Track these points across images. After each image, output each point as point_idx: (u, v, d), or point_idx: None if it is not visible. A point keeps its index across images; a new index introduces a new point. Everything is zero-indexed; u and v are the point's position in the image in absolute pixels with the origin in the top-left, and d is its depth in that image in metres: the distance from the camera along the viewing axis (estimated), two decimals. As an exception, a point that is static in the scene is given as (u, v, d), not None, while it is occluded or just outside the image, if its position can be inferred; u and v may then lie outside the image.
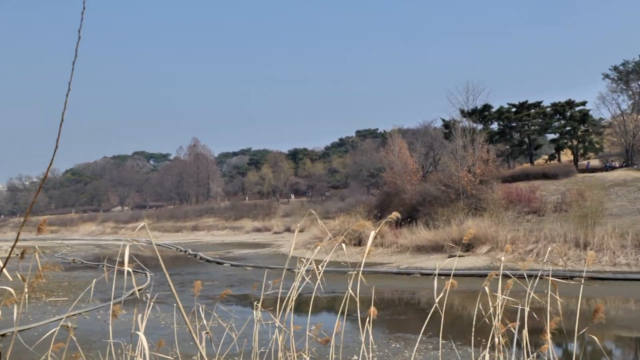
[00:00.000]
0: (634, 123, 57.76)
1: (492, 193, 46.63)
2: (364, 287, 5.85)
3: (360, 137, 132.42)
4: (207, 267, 46.01)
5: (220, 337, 6.41)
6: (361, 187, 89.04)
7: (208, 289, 31.67)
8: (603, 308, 5.34)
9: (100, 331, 18.99)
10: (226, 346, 6.52)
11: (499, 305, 5.45)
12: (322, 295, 6.03)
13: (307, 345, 5.66)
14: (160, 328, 19.18)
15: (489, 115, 62.43)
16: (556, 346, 17.35)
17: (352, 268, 5.40)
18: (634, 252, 33.21)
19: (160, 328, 19.17)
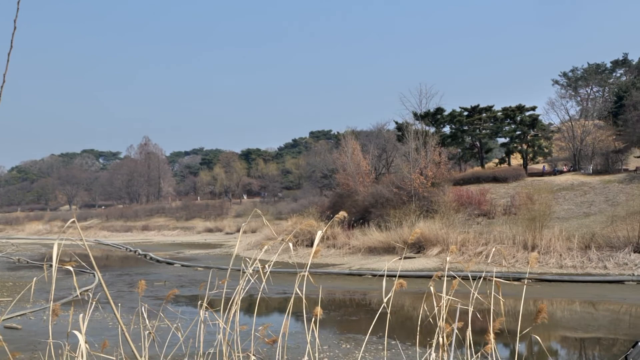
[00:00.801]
0: (582, 128, 59.03)
1: (443, 195, 47.02)
2: (315, 287, 5.73)
3: (313, 138, 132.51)
4: (157, 268, 45.37)
5: (170, 338, 6.27)
6: (314, 188, 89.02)
7: (158, 289, 31.20)
8: (546, 309, 5.37)
9: (45, 332, 18.42)
10: (173, 347, 6.36)
11: (443, 305, 5.46)
12: (275, 296, 5.92)
13: (252, 345, 5.54)
14: (108, 329, 18.78)
15: (441, 118, 62.94)
16: (504, 346, 17.55)
17: (302, 269, 5.25)
18: (579, 255, 33.91)
19: (108, 329, 18.78)
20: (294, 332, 18.99)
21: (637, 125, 50.72)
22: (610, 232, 34.48)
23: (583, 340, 20.30)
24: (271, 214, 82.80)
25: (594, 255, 33.35)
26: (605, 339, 20.22)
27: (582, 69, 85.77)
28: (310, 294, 7.30)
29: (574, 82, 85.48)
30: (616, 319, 23.45)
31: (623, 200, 42.04)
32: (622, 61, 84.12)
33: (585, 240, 34.59)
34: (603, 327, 21.91)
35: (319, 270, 38.29)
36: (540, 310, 5.39)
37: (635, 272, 30.58)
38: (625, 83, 66.87)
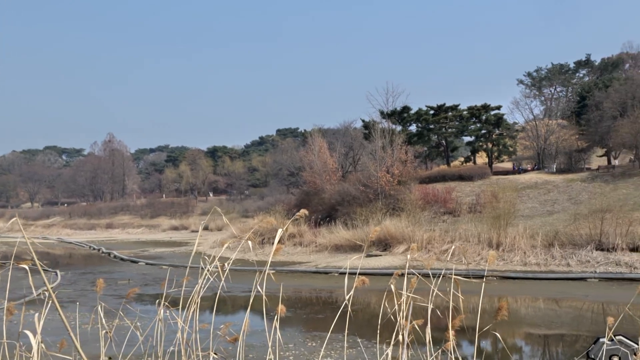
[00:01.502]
0: (546, 128, 59.79)
1: (409, 194, 47.19)
2: (283, 285, 5.64)
3: (280, 136, 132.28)
4: (121, 266, 44.87)
5: (133, 337, 6.12)
6: (281, 186, 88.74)
7: (122, 288, 30.81)
8: (511, 306, 5.43)
9: (4, 332, 18.02)
10: (133, 347, 6.23)
11: (404, 302, 5.46)
12: (240, 295, 5.84)
13: (211, 343, 5.46)
14: (71, 328, 18.38)
15: (407, 117, 63.18)
16: (469, 344, 17.64)
17: (269, 267, 5.15)
18: (543, 252, 34.31)
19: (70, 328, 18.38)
20: (260, 331, 18.86)
21: (599, 125, 51.50)
22: (573, 230, 34.93)
23: (547, 336, 20.53)
24: (237, 212, 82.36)
25: (557, 253, 33.76)
26: (568, 335, 20.46)
27: (546, 69, 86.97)
28: (276, 292, 7.20)
29: (538, 82, 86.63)
30: (579, 315, 23.75)
31: (585, 199, 42.67)
32: (585, 62, 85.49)
33: (549, 238, 35.00)
34: (566, 323, 22.18)
35: (285, 269, 38.18)
36: (500, 307, 5.42)
37: (597, 270, 31.02)
38: (588, 83, 67.88)
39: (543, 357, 18.35)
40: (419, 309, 5.64)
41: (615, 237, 32.67)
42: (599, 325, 21.35)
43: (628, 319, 5.90)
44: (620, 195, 41.58)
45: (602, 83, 59.29)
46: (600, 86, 57.73)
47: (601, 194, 42.11)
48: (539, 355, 18.71)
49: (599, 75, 75.29)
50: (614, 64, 79.90)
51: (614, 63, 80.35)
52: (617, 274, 29.85)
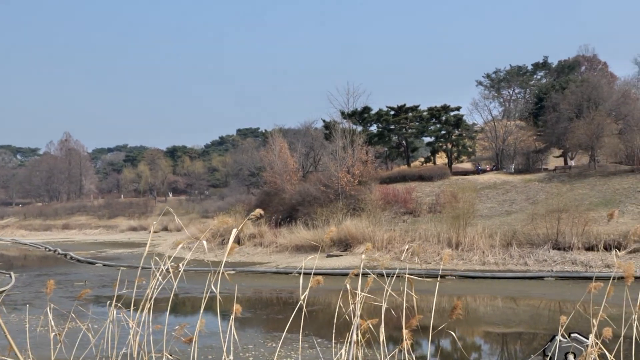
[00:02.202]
0: (504, 128, 60.57)
1: (370, 194, 47.33)
2: (241, 286, 5.57)
3: (241, 136, 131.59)
4: (78, 267, 44.08)
5: (87, 340, 5.98)
6: (241, 186, 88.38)
7: (78, 290, 30.21)
8: (471, 305, 5.52)
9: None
10: (87, 349, 6.07)
11: (358, 302, 5.48)
12: (200, 296, 5.74)
13: (164, 343, 5.36)
14: (24, 332, 17.94)
15: (368, 117, 63.35)
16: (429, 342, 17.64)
17: (229, 268, 5.02)
18: (501, 252, 34.70)
19: (24, 332, 17.94)
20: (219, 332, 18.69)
21: (556, 126, 52.33)
22: (531, 229, 35.40)
23: (505, 335, 20.72)
24: (197, 213, 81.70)
25: (515, 252, 34.17)
26: (526, 333, 20.68)
27: (505, 70, 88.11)
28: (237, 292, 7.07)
29: (497, 83, 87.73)
30: (536, 314, 24.05)
31: (543, 199, 43.30)
32: (543, 64, 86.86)
33: (507, 237, 35.41)
34: (524, 322, 22.43)
35: (245, 269, 37.98)
36: (455, 306, 5.47)
37: (554, 269, 31.48)
38: (545, 85, 68.89)
39: (501, 355, 18.50)
40: (379, 308, 5.62)
41: (571, 236, 33.21)
42: (555, 323, 21.62)
43: (585, 316, 5.96)
44: (576, 196, 42.31)
45: (559, 85, 60.28)
46: (557, 88, 58.70)
47: (558, 194, 42.78)
48: (498, 353, 18.86)
49: (556, 78, 76.50)
50: (570, 67, 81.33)
51: (571, 65, 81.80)
52: (573, 272, 30.32)
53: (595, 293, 5.46)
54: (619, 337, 5.53)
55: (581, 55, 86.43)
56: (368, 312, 5.94)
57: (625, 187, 42.46)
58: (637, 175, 43.85)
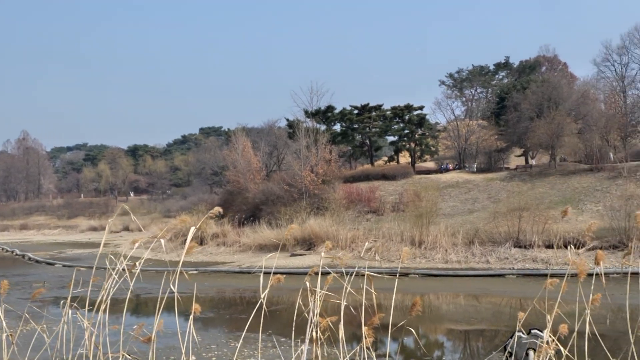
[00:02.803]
0: (467, 128, 61.15)
1: (333, 193, 47.34)
2: (204, 286, 5.42)
3: (204, 135, 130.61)
4: (36, 268, 43.24)
5: (43, 342, 5.84)
6: (204, 185, 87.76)
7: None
8: (433, 302, 5.55)
9: None
10: (45, 351, 5.89)
11: (317, 300, 5.49)
12: (163, 295, 5.60)
13: (121, 343, 5.23)
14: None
15: (332, 116, 63.41)
16: (392, 340, 17.69)
17: (193, 268, 4.89)
18: (464, 250, 34.97)
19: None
20: (182, 332, 18.43)
21: (518, 126, 52.95)
22: (493, 228, 35.76)
23: (467, 332, 20.81)
24: (159, 212, 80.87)
25: (477, 250, 34.46)
26: (488, 330, 20.81)
27: (467, 70, 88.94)
28: (199, 292, 6.96)
29: (460, 83, 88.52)
30: (497, 311, 24.24)
31: (504, 198, 43.77)
32: (504, 64, 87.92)
33: (469, 236, 35.69)
34: (485, 319, 22.58)
35: (208, 269, 37.70)
36: (414, 303, 5.50)
37: (515, 266, 31.81)
38: (506, 85, 69.67)
39: (464, 352, 18.57)
40: (343, 306, 5.56)
41: (532, 234, 33.62)
42: (516, 320, 21.80)
43: (545, 312, 6.00)
44: (537, 194, 42.86)
45: (520, 85, 61.01)
46: (519, 88, 59.41)
47: (519, 193, 43.27)
48: (460, 350, 18.93)
49: (517, 77, 77.43)
50: (531, 67, 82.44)
51: (532, 66, 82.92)
52: (533, 270, 30.66)
53: (552, 289, 5.53)
54: (579, 332, 5.61)
55: (542, 56, 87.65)
56: (332, 311, 5.89)
57: (585, 185, 43.15)
58: (596, 174, 44.61)
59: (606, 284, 5.58)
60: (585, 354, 6.04)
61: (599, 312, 19.78)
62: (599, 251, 5.86)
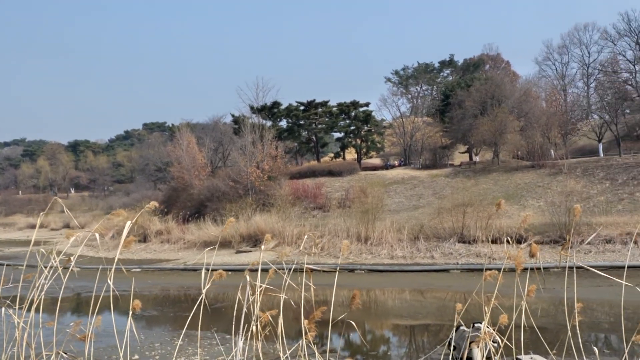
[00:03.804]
0: (412, 125, 61.69)
1: (280, 189, 47.18)
2: (147, 284, 5.19)
3: (147, 130, 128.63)
4: (-31, 268, 41.67)
5: None
6: (148, 182, 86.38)
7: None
8: (380, 298, 5.55)
9: None
10: None
11: (257, 295, 5.50)
12: (105, 294, 5.33)
13: (54, 342, 4.97)
14: None
15: (278, 112, 63.19)
16: (338, 336, 17.61)
17: (136, 265, 4.65)
18: (409, 245, 35.19)
19: None
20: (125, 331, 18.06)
21: (462, 123, 53.62)
22: (437, 223, 36.08)
23: (413, 327, 20.86)
24: (101, 209, 79.15)
25: (422, 246, 34.72)
26: (433, 325, 20.91)
27: (413, 68, 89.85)
28: (143, 290, 6.71)
29: (405, 80, 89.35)
30: (442, 306, 24.39)
31: (449, 193, 44.24)
32: (449, 62, 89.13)
33: (415, 231, 35.94)
34: (431, 314, 22.70)
35: (152, 266, 37.08)
36: (353, 296, 5.54)
37: (459, 261, 32.14)
38: (451, 82, 70.62)
39: (409, 347, 18.57)
40: (288, 303, 5.45)
41: (476, 229, 34.05)
42: (461, 315, 21.99)
43: (484, 305, 6.11)
44: (480, 190, 43.47)
45: (465, 83, 61.87)
46: (463, 85, 60.19)
47: (463, 189, 43.82)
48: (406, 345, 18.94)
49: (461, 75, 78.57)
50: (475, 65, 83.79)
51: (476, 64, 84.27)
52: (477, 264, 31.01)
53: (493, 282, 5.63)
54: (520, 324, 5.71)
55: (485, 54, 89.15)
56: (277, 307, 5.76)
57: (527, 181, 43.99)
58: (538, 171, 45.54)
59: (548, 278, 5.66)
60: (522, 344, 6.43)
61: (541, 305, 20.13)
62: (534, 244, 6.12)
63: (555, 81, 71.06)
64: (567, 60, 73.44)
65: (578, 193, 40.21)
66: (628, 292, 7.39)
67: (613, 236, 32.20)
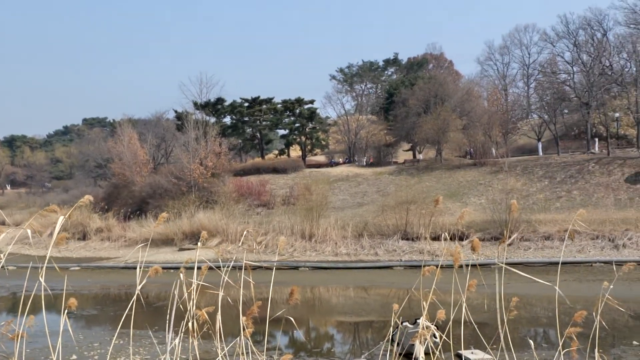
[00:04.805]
0: (357, 122, 61.90)
1: (223, 186, 46.85)
2: (87, 283, 4.98)
3: (87, 126, 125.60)
4: None
5: None
6: (88, 178, 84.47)
7: None
8: (297, 290, 5.62)
9: None
10: None
11: (193, 292, 5.50)
12: (44, 293, 5.11)
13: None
14: None
15: (222, 108, 62.59)
16: (283, 334, 17.54)
17: (75, 264, 4.42)
18: (353, 243, 35.34)
19: None
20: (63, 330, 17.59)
21: (406, 121, 54.05)
22: (381, 221, 36.33)
23: (357, 324, 20.93)
24: (39, 206, 77.03)
25: (366, 243, 34.93)
26: (377, 321, 21.01)
27: (357, 66, 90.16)
28: (82, 289, 6.40)
29: (350, 78, 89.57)
30: (386, 302, 24.54)
31: (393, 191, 44.57)
32: (393, 60, 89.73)
33: (359, 228, 36.12)
34: (374, 310, 22.83)
35: (92, 265, 36.37)
36: (291, 292, 5.61)
37: (402, 258, 32.46)
38: (395, 81, 71.11)
39: (353, 343, 18.62)
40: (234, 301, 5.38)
41: (419, 227, 34.43)
42: (404, 311, 22.10)
43: (431, 303, 6.20)
44: (424, 188, 43.95)
45: (408, 81, 62.38)
46: (407, 84, 60.69)
47: (407, 187, 44.22)
48: (350, 342, 18.99)
49: (405, 74, 79.17)
50: (419, 64, 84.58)
51: (419, 63, 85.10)
52: (420, 261, 31.31)
53: (430, 277, 5.73)
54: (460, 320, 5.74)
55: (429, 53, 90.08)
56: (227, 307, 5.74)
57: (469, 179, 44.69)
58: (479, 169, 46.31)
59: (490, 274, 5.68)
60: (462, 339, 6.49)
61: (482, 301, 20.42)
62: (476, 239, 6.17)
63: (496, 81, 72.33)
64: (508, 60, 74.89)
65: (518, 191, 41.05)
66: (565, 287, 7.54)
67: (551, 233, 33.02)
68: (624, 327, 17.50)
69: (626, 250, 30.92)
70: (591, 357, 6.37)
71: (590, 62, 51.40)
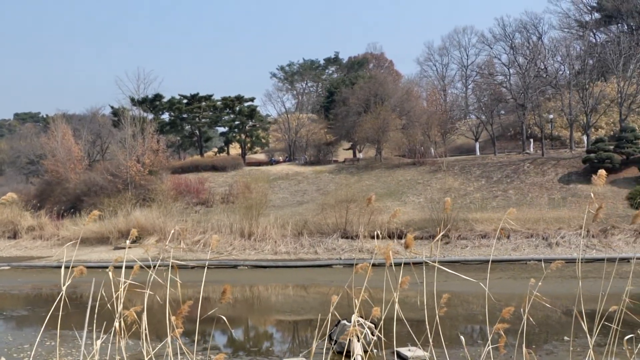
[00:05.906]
0: (297, 121, 61.86)
1: (161, 184, 46.23)
2: (17, 283, 4.74)
3: (19, 121, 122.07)
4: None
5: None
6: (19, 175, 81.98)
7: None
8: (230, 289, 5.61)
9: None
10: None
11: (121, 291, 5.63)
12: None
13: None
14: None
15: (160, 105, 61.63)
16: (221, 333, 17.34)
17: (4, 263, 4.17)
18: (293, 241, 35.30)
19: None
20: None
21: (346, 120, 54.30)
22: (321, 219, 36.38)
23: (296, 322, 20.86)
24: (-35, 203, 74.39)
25: (306, 242, 34.92)
26: (316, 320, 20.93)
27: (298, 64, 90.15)
28: (12, 289, 6.09)
29: (291, 76, 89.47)
30: (325, 300, 24.50)
31: (333, 190, 44.67)
32: (334, 59, 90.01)
33: (299, 227, 36.10)
34: (313, 309, 22.78)
35: (23, 264, 35.33)
36: (224, 291, 5.60)
37: (342, 256, 32.55)
38: (336, 80, 71.39)
39: (292, 342, 18.58)
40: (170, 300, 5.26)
41: (358, 225, 34.55)
42: (342, 309, 22.12)
43: (366, 301, 6.29)
44: (363, 186, 44.19)
45: (349, 80, 62.71)
46: (347, 83, 60.99)
47: (347, 185, 44.37)
48: (289, 340, 18.95)
49: (346, 73, 79.60)
50: (359, 63, 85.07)
51: (360, 62, 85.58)
52: (359, 260, 31.41)
53: (363, 274, 5.72)
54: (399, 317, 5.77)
55: (370, 53, 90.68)
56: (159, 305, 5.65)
57: (408, 179, 45.15)
58: (418, 168, 46.85)
59: (427, 272, 5.73)
60: (394, 336, 6.68)
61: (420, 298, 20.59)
62: (409, 236, 6.28)
63: (435, 81, 73.49)
64: (447, 61, 76.12)
65: (456, 190, 41.69)
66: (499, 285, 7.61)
67: (488, 231, 33.64)
68: (556, 323, 17.89)
69: (559, 249, 31.78)
70: (520, 352, 6.48)
71: (526, 64, 52.66)
